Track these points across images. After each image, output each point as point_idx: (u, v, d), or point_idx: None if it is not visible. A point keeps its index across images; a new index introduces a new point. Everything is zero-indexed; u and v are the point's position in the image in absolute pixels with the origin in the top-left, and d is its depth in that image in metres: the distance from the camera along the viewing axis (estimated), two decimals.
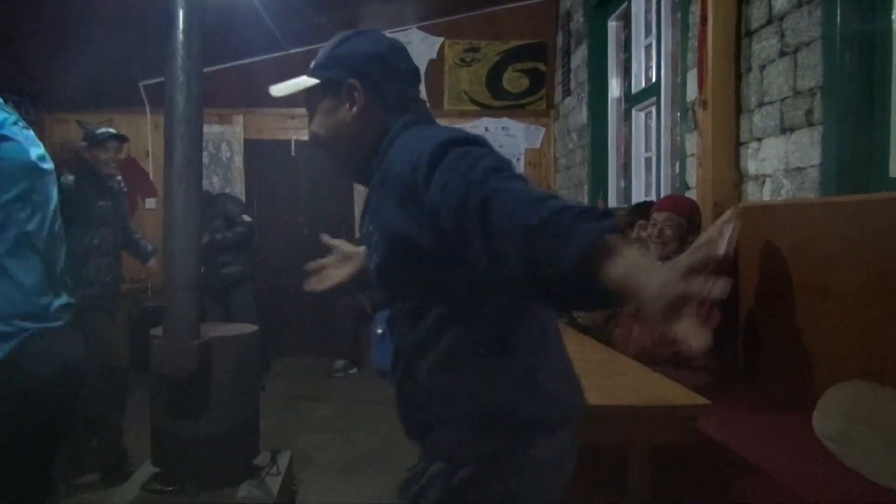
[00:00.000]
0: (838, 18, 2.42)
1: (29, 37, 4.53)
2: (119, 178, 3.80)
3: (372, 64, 1.34)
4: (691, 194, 3.36)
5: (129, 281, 5.18)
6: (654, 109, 4.47)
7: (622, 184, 5.20)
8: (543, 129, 6.57)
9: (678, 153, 3.83)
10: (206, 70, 2.94)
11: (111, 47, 4.96)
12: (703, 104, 3.12)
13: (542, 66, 6.54)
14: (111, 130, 3.78)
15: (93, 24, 4.62)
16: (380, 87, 1.33)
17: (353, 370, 6.21)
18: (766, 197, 2.85)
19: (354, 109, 1.33)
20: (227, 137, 6.41)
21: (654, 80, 4.48)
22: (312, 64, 1.38)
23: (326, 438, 4.33)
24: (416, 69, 1.41)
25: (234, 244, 5.20)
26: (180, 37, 2.68)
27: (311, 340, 6.74)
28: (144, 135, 6.14)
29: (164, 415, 2.76)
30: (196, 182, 2.74)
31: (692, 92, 3.43)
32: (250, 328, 3.02)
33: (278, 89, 1.39)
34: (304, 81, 1.36)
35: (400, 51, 1.38)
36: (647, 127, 4.71)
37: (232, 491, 2.77)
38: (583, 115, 5.53)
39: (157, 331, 2.77)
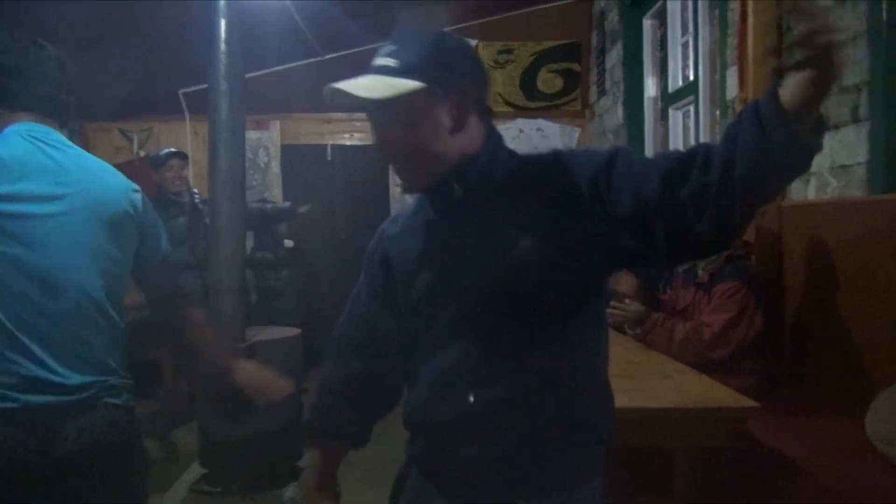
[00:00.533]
0: (884, 12, 2.38)
1: (71, 47, 4.64)
2: (196, 192, 3.90)
3: (475, 69, 1.25)
4: None
5: None
6: (691, 108, 4.42)
7: None
8: (579, 130, 6.53)
9: None
10: None
11: (152, 56, 5.06)
12: (745, 102, 3.08)
13: (576, 67, 6.51)
14: (171, 150, 3.93)
15: (134, 34, 4.72)
16: (479, 95, 1.25)
17: None
18: (812, 195, 2.80)
19: (464, 118, 1.22)
20: (264, 143, 6.49)
21: (691, 78, 4.43)
22: (396, 62, 1.19)
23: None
24: None
25: (275, 264, 5.33)
26: (223, 46, 2.73)
27: None
28: (184, 142, 6.23)
29: (211, 417, 2.81)
30: (239, 187, 2.79)
31: (732, 90, 3.39)
32: (293, 331, 3.06)
33: (363, 88, 1.16)
34: (407, 84, 1.16)
35: None
36: (685, 126, 4.66)
37: (277, 492, 2.81)
38: (619, 114, 5.49)
39: None
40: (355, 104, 1.19)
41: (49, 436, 1.44)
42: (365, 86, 1.17)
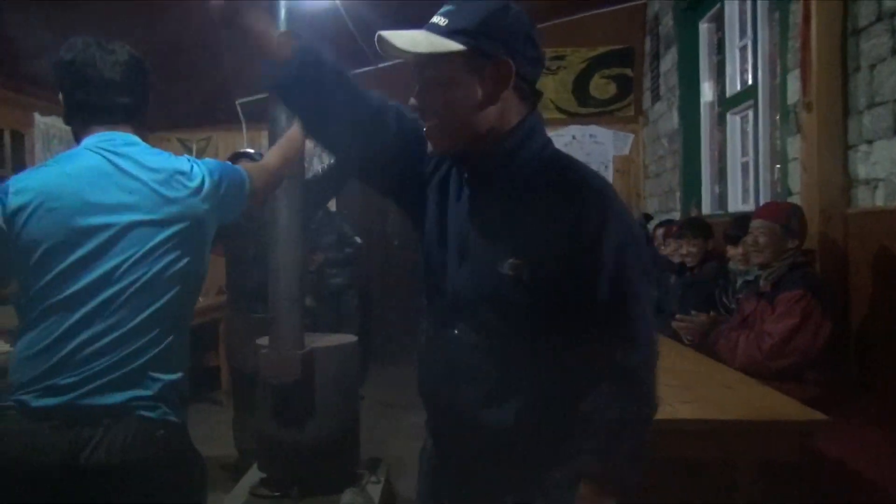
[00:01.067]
0: None
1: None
2: None
3: (528, 48, 1.20)
4: (794, 199, 3.25)
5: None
6: (750, 113, 4.34)
7: (716, 190, 5.07)
8: (632, 136, 6.47)
9: (778, 157, 3.71)
10: None
11: (210, 67, 5.18)
12: (808, 106, 3.01)
13: (629, 72, 6.45)
14: (240, 150, 3.97)
15: (193, 45, 4.84)
16: (525, 74, 1.20)
17: None
18: (879, 202, 2.72)
19: (498, 91, 1.18)
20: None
21: (750, 82, 4.35)
22: (447, 22, 1.17)
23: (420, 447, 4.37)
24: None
25: (343, 262, 5.41)
26: None
27: (403, 348, 6.84)
28: None
29: (270, 422, 2.86)
30: (298, 196, 2.83)
31: (794, 94, 3.32)
32: (350, 339, 3.09)
33: (405, 40, 1.16)
34: (447, 44, 1.15)
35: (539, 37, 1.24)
36: (744, 131, 4.58)
37: (335, 498, 2.83)
38: (673, 120, 5.42)
39: (264, 341, 2.87)
40: (402, 56, 1.18)
41: (76, 441, 1.42)
42: (407, 38, 1.17)
